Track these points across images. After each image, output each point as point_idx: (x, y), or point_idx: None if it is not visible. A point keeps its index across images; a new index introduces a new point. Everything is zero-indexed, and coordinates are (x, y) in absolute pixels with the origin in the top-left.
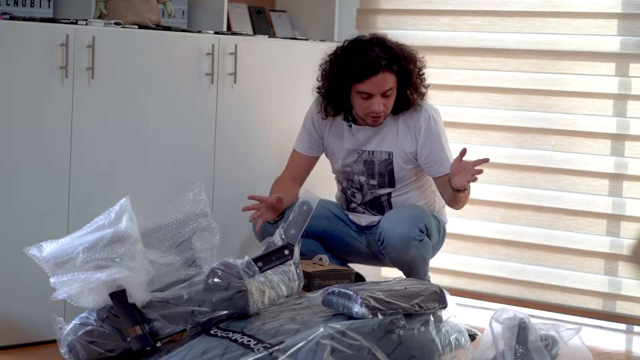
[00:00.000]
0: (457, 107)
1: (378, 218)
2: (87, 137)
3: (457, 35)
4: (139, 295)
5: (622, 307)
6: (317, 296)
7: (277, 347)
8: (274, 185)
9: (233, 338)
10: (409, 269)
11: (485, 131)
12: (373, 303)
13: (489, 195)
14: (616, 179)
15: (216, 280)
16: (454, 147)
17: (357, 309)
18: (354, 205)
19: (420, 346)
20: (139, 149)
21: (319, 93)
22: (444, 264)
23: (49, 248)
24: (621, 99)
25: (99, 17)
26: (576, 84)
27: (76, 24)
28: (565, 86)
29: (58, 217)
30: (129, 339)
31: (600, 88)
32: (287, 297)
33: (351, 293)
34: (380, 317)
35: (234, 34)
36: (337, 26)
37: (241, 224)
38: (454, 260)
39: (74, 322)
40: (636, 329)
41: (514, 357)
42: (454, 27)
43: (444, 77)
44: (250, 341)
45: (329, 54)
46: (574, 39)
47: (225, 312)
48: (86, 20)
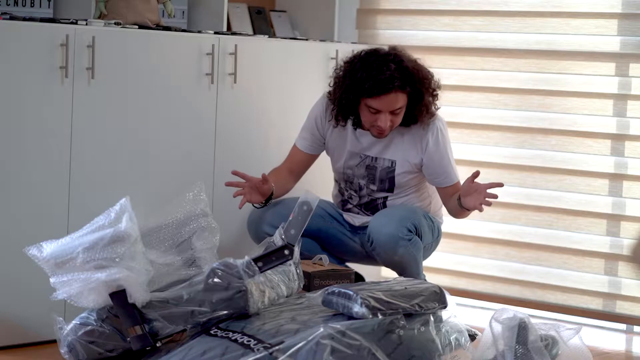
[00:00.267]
0: (457, 107)
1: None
2: (87, 137)
3: (457, 35)
4: (139, 295)
5: (622, 307)
6: (317, 296)
7: (277, 347)
8: (270, 172)
9: (233, 338)
10: (401, 269)
11: (485, 131)
12: (373, 303)
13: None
14: (616, 179)
15: (216, 280)
16: (454, 147)
17: (357, 309)
18: (349, 206)
19: (420, 346)
20: (138, 149)
21: (329, 99)
22: (444, 264)
23: (49, 248)
24: (621, 99)
25: (99, 17)
26: (576, 84)
27: (76, 24)
28: (565, 86)
29: (58, 217)
30: (129, 339)
31: (600, 88)
32: (287, 297)
33: (351, 293)
34: (380, 317)
35: (234, 34)
36: (337, 26)
37: (241, 224)
38: (454, 260)
39: (74, 322)
40: (636, 329)
41: (514, 357)
42: (454, 27)
43: (444, 77)
44: (250, 341)
45: (345, 61)
46: (574, 39)
47: (225, 312)
48: (86, 20)
